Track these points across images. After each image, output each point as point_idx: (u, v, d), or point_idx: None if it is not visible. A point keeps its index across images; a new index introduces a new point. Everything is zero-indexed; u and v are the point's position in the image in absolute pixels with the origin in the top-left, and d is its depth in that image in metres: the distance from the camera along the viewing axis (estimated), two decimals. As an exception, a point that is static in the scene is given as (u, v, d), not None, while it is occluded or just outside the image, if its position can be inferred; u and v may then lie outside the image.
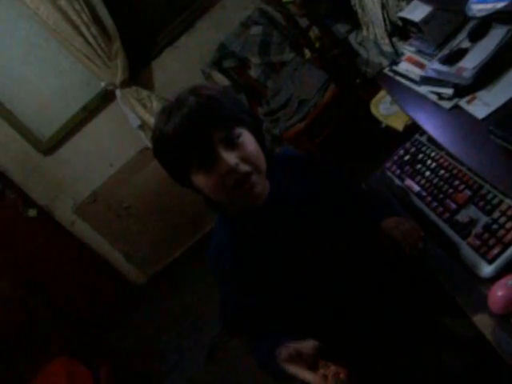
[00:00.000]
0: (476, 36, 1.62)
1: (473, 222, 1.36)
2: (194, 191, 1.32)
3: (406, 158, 1.74)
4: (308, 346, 1.16)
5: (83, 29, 3.36)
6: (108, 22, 3.42)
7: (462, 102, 1.54)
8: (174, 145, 1.24)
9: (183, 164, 1.26)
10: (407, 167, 1.71)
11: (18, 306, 3.53)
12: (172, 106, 1.27)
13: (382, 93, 2.59)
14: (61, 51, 3.54)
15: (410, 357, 1.44)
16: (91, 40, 3.40)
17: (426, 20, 1.74)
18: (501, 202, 1.33)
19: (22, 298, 3.61)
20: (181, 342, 3.62)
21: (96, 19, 3.38)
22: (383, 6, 2.08)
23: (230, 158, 1.22)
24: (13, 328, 3.40)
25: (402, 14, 1.88)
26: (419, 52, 1.89)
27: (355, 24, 2.87)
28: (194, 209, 3.97)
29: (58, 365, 3.16)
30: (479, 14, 1.57)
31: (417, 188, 1.61)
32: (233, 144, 1.24)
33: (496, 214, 1.32)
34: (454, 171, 1.52)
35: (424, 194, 1.57)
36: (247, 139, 1.27)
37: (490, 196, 1.37)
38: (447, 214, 1.44)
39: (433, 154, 1.64)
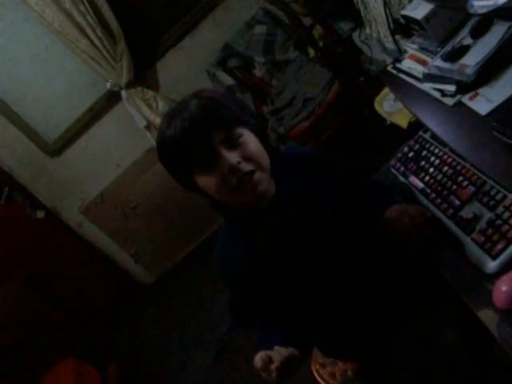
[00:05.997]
0: (478, 33, 1.62)
1: (476, 218, 1.36)
2: (198, 194, 1.34)
3: (410, 155, 1.75)
4: (280, 353, 1.19)
5: (88, 31, 3.39)
6: (113, 23, 3.45)
7: (465, 99, 1.55)
8: (176, 147, 1.27)
9: (186, 166, 1.28)
10: (411, 164, 1.71)
11: (26, 307, 3.55)
12: (175, 109, 1.30)
13: (386, 90, 2.60)
14: (66, 53, 3.56)
15: (403, 331, 1.45)
16: (96, 42, 3.43)
17: (428, 17, 1.74)
18: (504, 197, 1.33)
19: (29, 299, 3.62)
20: (188, 341, 3.63)
21: (101, 21, 3.42)
22: (385, 4, 2.08)
23: (232, 157, 1.24)
24: (21, 329, 3.42)
25: (405, 12, 1.89)
26: (422, 49, 1.89)
27: (358, 22, 2.87)
28: (202, 208, 3.96)
29: (67, 365, 3.18)
30: (481, 11, 1.57)
31: (421, 185, 1.61)
32: (234, 144, 1.26)
33: (500, 210, 1.32)
34: (458, 167, 1.52)
35: (428, 190, 1.57)
36: (249, 139, 1.29)
37: (493, 191, 1.37)
38: (451, 211, 1.44)
39: (436, 151, 1.64)
